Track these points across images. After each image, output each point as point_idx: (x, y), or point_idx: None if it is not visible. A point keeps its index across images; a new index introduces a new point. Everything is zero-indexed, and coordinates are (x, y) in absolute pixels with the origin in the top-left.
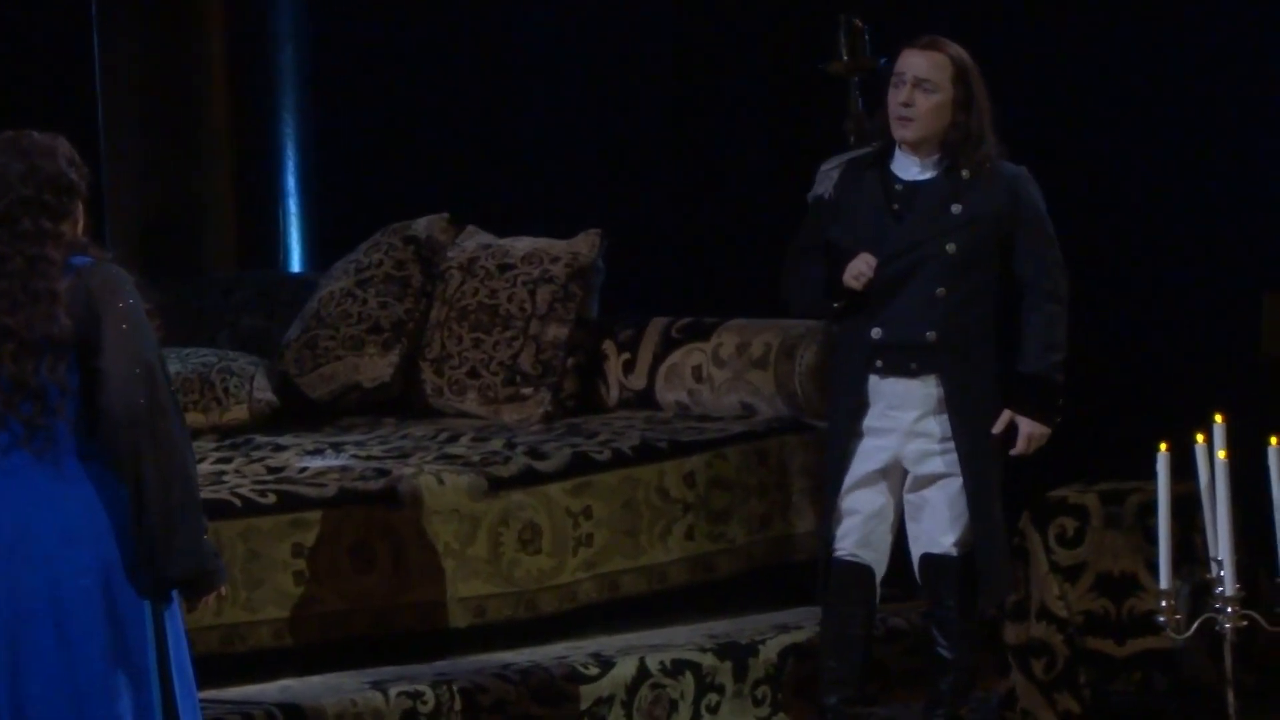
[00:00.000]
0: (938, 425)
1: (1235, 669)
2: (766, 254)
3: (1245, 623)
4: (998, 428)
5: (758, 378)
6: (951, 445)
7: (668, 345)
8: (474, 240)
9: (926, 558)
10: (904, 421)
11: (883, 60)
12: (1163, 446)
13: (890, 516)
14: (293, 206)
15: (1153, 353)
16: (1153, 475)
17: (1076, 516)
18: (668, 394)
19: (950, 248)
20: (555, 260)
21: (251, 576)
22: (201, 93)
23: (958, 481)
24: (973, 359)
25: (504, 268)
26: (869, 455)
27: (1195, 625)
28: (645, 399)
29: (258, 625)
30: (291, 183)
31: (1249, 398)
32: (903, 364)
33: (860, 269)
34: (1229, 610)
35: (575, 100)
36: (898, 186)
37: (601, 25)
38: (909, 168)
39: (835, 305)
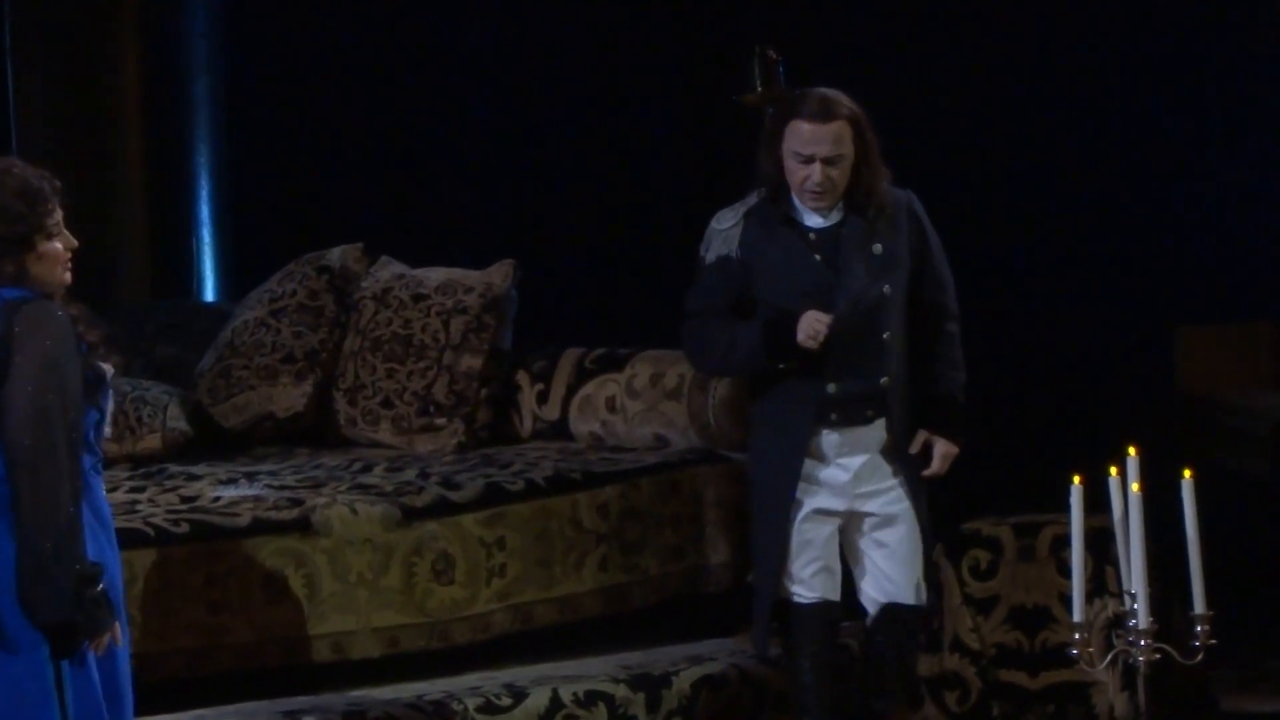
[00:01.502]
0: (888, 467)
1: (1149, 703)
2: (680, 285)
3: (1159, 656)
4: (914, 448)
5: (671, 409)
6: (899, 485)
7: (581, 376)
8: (388, 270)
9: (882, 608)
10: (853, 467)
11: (797, 90)
12: (1076, 479)
13: (837, 544)
14: (206, 236)
15: (1067, 386)
16: (1066, 508)
17: (990, 549)
18: (581, 425)
19: (887, 289)
20: (469, 290)
21: (164, 606)
22: (116, 123)
23: (909, 521)
24: (906, 395)
25: (418, 298)
26: (817, 502)
27: (1109, 658)
28: (559, 430)
29: (170, 655)
30: (205, 212)
31: (1162, 431)
32: (859, 413)
33: (816, 329)
34: (1142, 643)
35: (489, 131)
36: (811, 236)
37: (515, 57)
38: (813, 216)
39: (781, 366)
